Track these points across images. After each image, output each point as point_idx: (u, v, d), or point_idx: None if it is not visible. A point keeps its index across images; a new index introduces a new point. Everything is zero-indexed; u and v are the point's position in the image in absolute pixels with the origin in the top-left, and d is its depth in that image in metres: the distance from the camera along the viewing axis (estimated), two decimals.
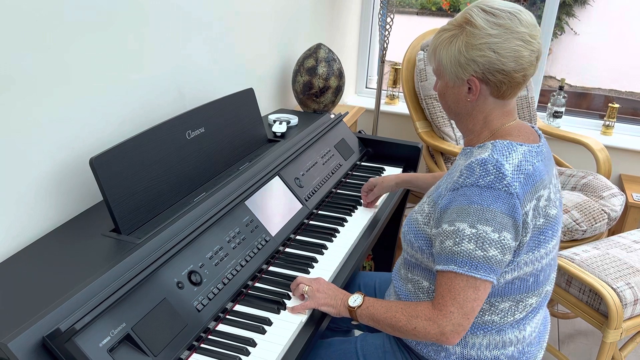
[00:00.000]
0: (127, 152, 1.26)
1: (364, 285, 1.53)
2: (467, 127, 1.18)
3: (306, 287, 1.22)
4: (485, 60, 1.07)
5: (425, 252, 1.17)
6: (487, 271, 1.04)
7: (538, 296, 1.18)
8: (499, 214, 1.03)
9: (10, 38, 1.12)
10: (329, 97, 2.25)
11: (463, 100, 1.14)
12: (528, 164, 1.07)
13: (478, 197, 1.04)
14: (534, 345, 1.22)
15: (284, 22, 2.30)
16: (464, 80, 1.11)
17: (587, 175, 2.44)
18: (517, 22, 1.06)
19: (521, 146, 1.09)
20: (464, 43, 1.08)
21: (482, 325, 1.16)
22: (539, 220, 1.09)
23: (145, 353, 0.98)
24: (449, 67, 1.12)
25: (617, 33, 5.50)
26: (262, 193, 1.46)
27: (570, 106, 2.99)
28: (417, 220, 1.20)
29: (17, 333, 0.86)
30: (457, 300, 1.05)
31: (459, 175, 1.09)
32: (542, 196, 1.09)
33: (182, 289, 1.11)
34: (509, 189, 1.03)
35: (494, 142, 1.10)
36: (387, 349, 1.26)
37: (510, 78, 1.08)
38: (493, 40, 1.06)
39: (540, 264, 1.13)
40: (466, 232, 1.04)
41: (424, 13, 6.29)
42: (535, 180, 1.07)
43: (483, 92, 1.11)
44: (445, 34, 1.12)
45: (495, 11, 1.07)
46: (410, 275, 1.25)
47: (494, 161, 1.05)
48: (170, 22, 1.59)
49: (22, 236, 1.23)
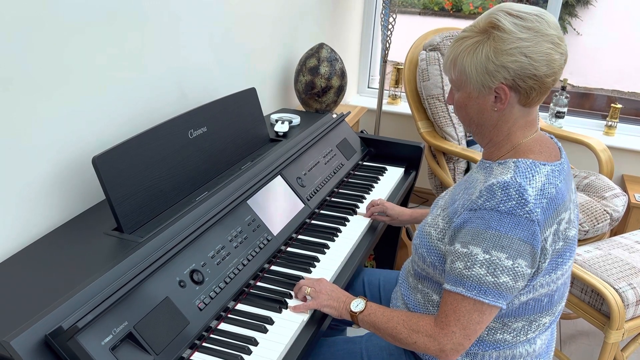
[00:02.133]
0: (129, 151, 1.27)
1: (368, 282, 1.53)
2: (490, 139, 1.13)
3: (308, 288, 1.21)
4: (517, 65, 1.01)
5: (438, 268, 1.14)
6: (495, 297, 1.02)
7: (551, 315, 1.16)
8: (516, 241, 0.99)
9: (12, 37, 1.12)
10: (331, 96, 2.25)
11: (489, 110, 1.08)
12: (551, 186, 1.03)
13: (497, 223, 1.00)
14: (542, 356, 1.21)
15: (286, 21, 2.30)
16: (492, 89, 1.05)
17: (589, 175, 2.44)
18: (545, 24, 1.01)
19: (544, 166, 1.05)
20: (492, 49, 1.02)
21: (493, 344, 1.14)
22: (559, 244, 1.05)
23: (147, 352, 0.98)
24: (474, 76, 1.05)
25: (620, 33, 5.49)
26: (264, 192, 1.46)
27: (573, 106, 2.99)
28: (430, 234, 1.16)
29: (19, 331, 0.86)
30: (460, 322, 1.04)
31: (478, 196, 1.04)
32: (563, 219, 1.05)
33: (184, 287, 1.11)
34: (530, 216, 0.99)
35: (517, 161, 1.05)
36: (393, 352, 1.25)
37: (541, 83, 1.03)
38: (524, 44, 1.00)
39: (555, 284, 1.10)
40: (479, 257, 1.01)
41: (426, 13, 6.28)
42: (558, 204, 1.03)
43: (511, 101, 1.05)
44: (468, 41, 1.05)
45: (522, 14, 1.02)
46: (420, 287, 1.23)
47: (517, 185, 1.00)
48: (172, 21, 1.59)
49: (25, 235, 1.24)
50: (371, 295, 1.51)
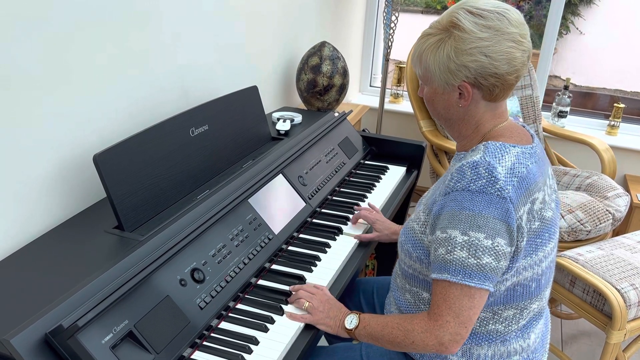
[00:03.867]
0: (130, 149, 1.26)
1: (363, 292, 1.52)
2: (459, 133, 1.15)
3: (306, 303, 1.19)
4: (477, 65, 1.02)
5: (424, 262, 1.14)
6: (481, 279, 1.01)
7: (540, 300, 1.16)
8: (491, 220, 0.99)
9: (14, 36, 1.12)
10: (333, 95, 2.25)
11: (454, 106, 1.10)
12: (522, 166, 1.04)
13: (469, 203, 1.01)
14: (538, 351, 1.21)
15: (288, 19, 2.30)
16: (455, 86, 1.06)
17: (591, 175, 2.43)
18: (506, 22, 1.02)
19: (514, 147, 1.06)
20: (452, 48, 1.03)
21: (486, 335, 1.14)
22: (535, 223, 1.06)
23: (148, 350, 0.98)
24: (437, 73, 1.06)
25: (622, 33, 5.47)
26: (265, 191, 1.46)
27: (575, 106, 2.98)
28: (413, 229, 1.17)
29: (19, 329, 0.86)
30: (452, 309, 1.03)
31: (449, 179, 1.05)
32: (537, 199, 1.06)
33: (185, 286, 1.11)
34: (501, 193, 0.99)
35: (486, 143, 1.07)
36: (393, 357, 1.25)
37: (503, 80, 1.04)
38: (484, 43, 1.01)
39: (539, 267, 1.11)
40: (458, 239, 1.01)
41: (429, 12, 6.27)
42: (529, 183, 1.04)
43: (475, 97, 1.07)
44: (431, 39, 1.06)
45: (483, 12, 1.02)
46: (408, 286, 1.22)
47: (486, 164, 1.01)
48: (174, 19, 1.59)
49: (25, 233, 1.24)
50: (367, 303, 1.51)
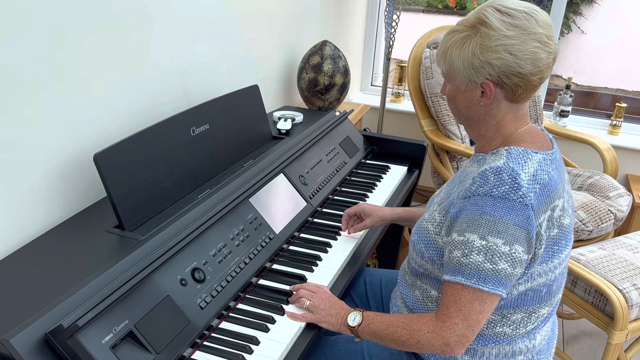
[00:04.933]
0: (131, 148, 1.26)
1: (369, 283, 1.52)
2: (479, 133, 1.14)
3: (307, 302, 1.19)
4: (501, 62, 1.02)
5: (436, 263, 1.14)
6: (495, 284, 1.01)
7: (550, 306, 1.15)
8: (511, 226, 0.99)
9: (15, 35, 1.12)
10: (334, 94, 2.24)
11: (475, 104, 1.09)
12: (544, 173, 1.03)
13: (491, 208, 1.00)
14: (543, 352, 1.20)
15: (289, 18, 2.29)
16: (478, 84, 1.06)
17: (593, 175, 2.42)
18: (534, 22, 1.02)
19: (536, 154, 1.06)
20: (478, 45, 1.03)
21: (493, 337, 1.13)
22: (553, 231, 1.05)
23: (148, 350, 0.97)
24: (461, 70, 1.06)
25: (624, 32, 5.46)
26: (266, 190, 1.45)
27: (577, 105, 2.98)
28: (427, 229, 1.16)
29: (19, 329, 0.86)
30: (462, 312, 1.03)
31: (471, 183, 1.04)
32: (557, 206, 1.05)
33: (186, 286, 1.11)
34: (524, 200, 0.99)
35: (509, 148, 1.06)
36: (394, 351, 1.24)
37: (526, 81, 1.04)
38: (510, 42, 1.01)
39: (553, 274, 1.10)
40: (476, 243, 1.01)
41: (430, 11, 6.27)
42: (551, 191, 1.04)
43: (497, 96, 1.07)
44: (457, 35, 1.07)
45: (511, 11, 1.02)
46: (419, 283, 1.22)
47: (510, 170, 1.01)
48: (175, 19, 1.59)
49: (26, 232, 1.23)
50: (373, 295, 1.50)
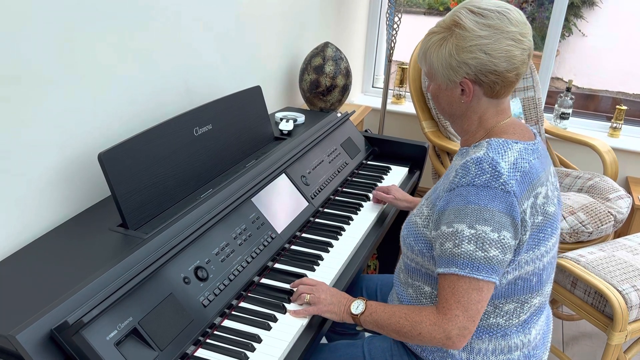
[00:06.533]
0: (135, 147, 1.27)
1: (366, 288, 1.53)
2: (462, 128, 1.18)
3: (308, 295, 1.20)
4: (476, 62, 1.06)
5: (426, 256, 1.16)
6: (489, 272, 1.03)
7: (541, 296, 1.18)
8: (497, 213, 1.02)
9: (20, 34, 1.13)
10: (336, 95, 2.26)
11: (457, 101, 1.14)
12: (524, 161, 1.07)
13: (475, 197, 1.03)
14: (539, 347, 1.22)
15: (291, 20, 2.30)
16: (457, 83, 1.11)
17: (593, 177, 2.43)
18: (506, 21, 1.05)
19: (516, 144, 1.09)
20: (454, 46, 1.07)
21: (487, 329, 1.15)
22: (538, 217, 1.08)
23: (152, 347, 0.98)
24: (440, 70, 1.11)
25: (625, 35, 5.47)
26: (268, 190, 1.46)
27: (578, 108, 2.99)
28: (416, 223, 1.19)
29: (25, 325, 0.87)
30: (461, 303, 1.04)
31: (454, 175, 1.08)
32: (540, 193, 1.09)
33: (189, 284, 1.12)
34: (505, 187, 1.02)
35: (489, 140, 1.10)
36: (395, 353, 1.25)
37: (503, 78, 1.08)
38: (483, 41, 1.05)
39: (541, 262, 1.13)
40: (465, 233, 1.03)
41: (431, 13, 6.27)
42: (532, 178, 1.07)
43: (476, 93, 1.11)
44: (435, 37, 1.11)
45: (483, 12, 1.06)
46: (410, 280, 1.24)
47: (490, 159, 1.04)
48: (178, 19, 1.60)
49: (30, 230, 1.24)
50: (369, 299, 1.51)
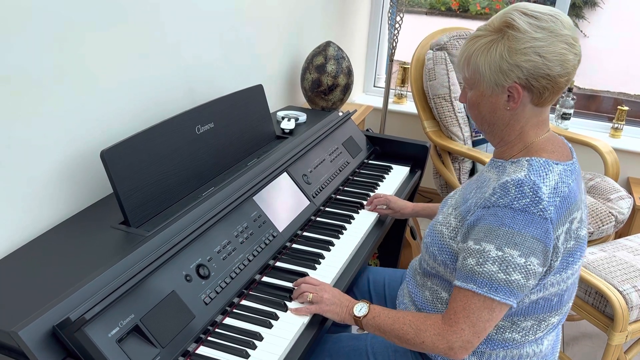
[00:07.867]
0: (137, 145, 1.27)
1: (373, 281, 1.52)
2: (501, 138, 1.13)
3: (310, 294, 1.19)
4: (530, 65, 1.02)
5: (449, 267, 1.14)
6: (506, 294, 1.01)
7: (560, 314, 1.16)
8: (529, 239, 1.00)
9: (22, 32, 1.13)
10: (338, 95, 2.26)
11: (501, 109, 1.09)
12: (564, 185, 1.04)
13: (510, 220, 1.00)
14: (548, 356, 1.21)
15: (293, 19, 2.30)
16: (505, 88, 1.06)
17: (594, 177, 2.43)
18: (560, 24, 1.02)
19: (557, 165, 1.05)
20: (506, 48, 1.03)
21: (502, 342, 1.14)
22: (570, 243, 1.06)
23: (153, 344, 0.99)
24: (488, 74, 1.06)
25: (626, 36, 5.47)
26: (270, 189, 1.47)
27: (579, 108, 2.98)
28: (442, 233, 1.16)
29: (28, 322, 0.87)
30: (470, 319, 1.03)
31: (491, 193, 1.05)
32: (575, 218, 1.05)
33: (190, 282, 1.12)
34: (544, 213, 1.00)
35: (530, 159, 1.06)
36: (398, 349, 1.25)
37: (554, 83, 1.04)
38: (538, 43, 1.01)
39: (565, 284, 1.11)
40: (491, 253, 1.01)
41: (433, 13, 6.28)
42: (570, 203, 1.04)
43: (523, 100, 1.06)
44: (482, 40, 1.06)
45: (536, 14, 1.03)
46: (429, 284, 1.22)
47: (531, 183, 1.01)
48: (181, 18, 1.60)
49: (33, 227, 1.25)
50: (376, 293, 1.51)
